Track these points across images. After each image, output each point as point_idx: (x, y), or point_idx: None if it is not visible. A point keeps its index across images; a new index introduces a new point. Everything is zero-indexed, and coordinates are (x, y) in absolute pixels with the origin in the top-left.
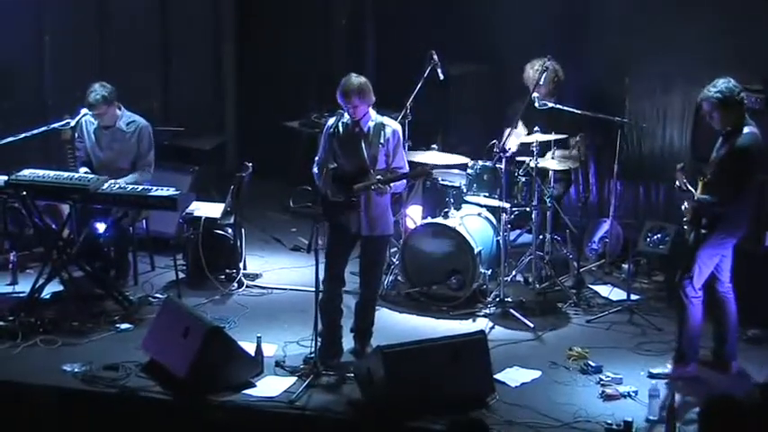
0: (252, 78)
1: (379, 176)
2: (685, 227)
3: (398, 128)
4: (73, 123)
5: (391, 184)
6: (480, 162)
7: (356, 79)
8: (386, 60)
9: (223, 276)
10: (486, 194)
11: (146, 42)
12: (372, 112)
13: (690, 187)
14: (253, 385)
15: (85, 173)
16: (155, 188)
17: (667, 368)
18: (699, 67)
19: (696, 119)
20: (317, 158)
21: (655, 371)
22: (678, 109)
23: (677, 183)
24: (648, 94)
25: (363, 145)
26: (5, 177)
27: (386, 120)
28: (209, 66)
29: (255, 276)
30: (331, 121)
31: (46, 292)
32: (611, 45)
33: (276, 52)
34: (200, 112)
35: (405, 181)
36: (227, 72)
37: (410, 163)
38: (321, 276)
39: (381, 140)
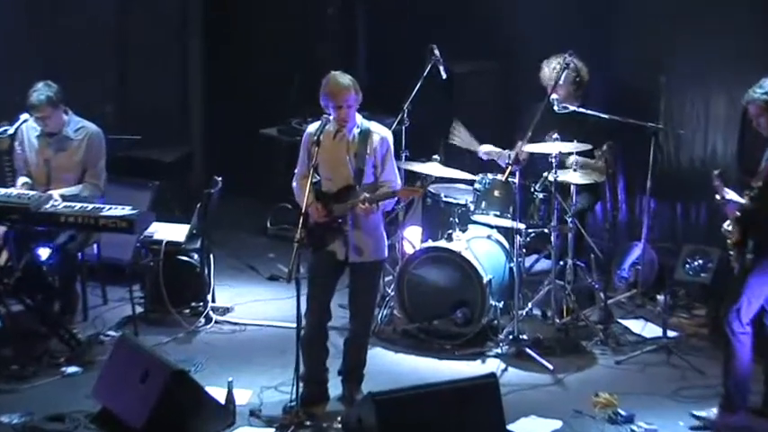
0: (222, 79)
1: (365, 194)
2: (730, 251)
3: (388, 135)
4: (11, 131)
5: (379, 203)
6: (490, 175)
7: (344, 75)
8: (379, 57)
9: (188, 311)
10: (497, 213)
11: (98, 38)
12: (358, 117)
13: (734, 194)
14: None
15: (24, 184)
16: (107, 207)
17: (712, 415)
18: (746, 63)
19: (743, 124)
20: (296, 170)
21: (698, 413)
22: (722, 113)
23: (717, 196)
24: (687, 96)
25: (348, 155)
26: None
27: (373, 125)
28: (173, 65)
29: (226, 310)
30: (312, 127)
31: None
32: (643, 38)
33: (251, 49)
34: (161, 117)
35: (395, 198)
36: (194, 72)
37: (408, 175)
38: (303, 310)
39: (368, 150)
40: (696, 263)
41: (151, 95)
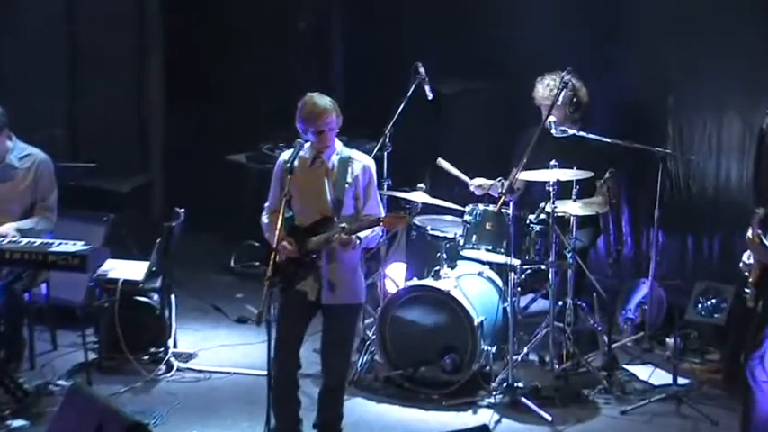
0: (184, 100)
1: (343, 225)
2: (746, 289)
3: (371, 163)
4: None
5: (360, 236)
6: (481, 206)
7: (323, 96)
8: (358, 76)
9: (147, 357)
10: (489, 248)
11: (47, 55)
12: (337, 143)
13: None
14: None
15: None
16: (57, 242)
17: None
18: (763, 82)
19: (760, 149)
20: (266, 204)
21: None
22: (736, 137)
23: (750, 233)
24: (698, 118)
25: (327, 184)
26: None
27: (354, 153)
28: (130, 85)
29: (189, 357)
30: (285, 154)
31: None
32: (649, 55)
33: (216, 67)
34: (116, 143)
35: (379, 232)
36: (153, 92)
37: (391, 205)
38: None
39: (348, 179)
40: (709, 302)
41: (105, 118)
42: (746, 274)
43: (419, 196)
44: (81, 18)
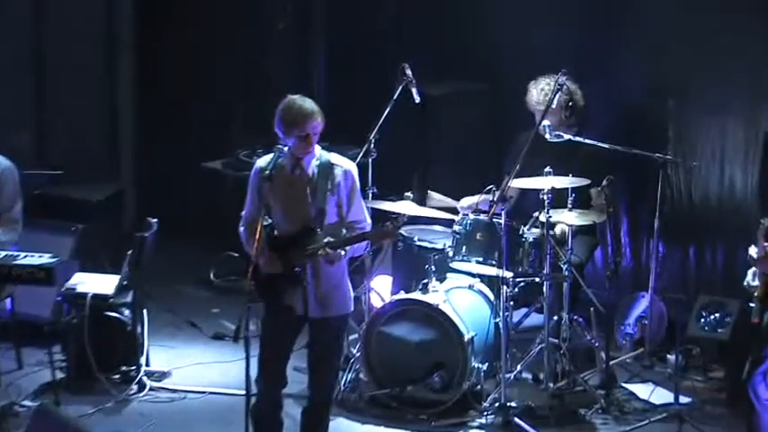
0: (158, 104)
1: (328, 238)
2: (751, 303)
3: (352, 167)
4: None
5: (347, 248)
6: (471, 216)
7: (305, 99)
8: (340, 78)
9: (117, 376)
10: (480, 260)
11: (11, 59)
12: (317, 149)
13: None
14: None
15: None
16: (22, 254)
17: None
18: None
19: (766, 156)
20: (243, 213)
21: None
22: (741, 142)
23: (752, 251)
24: (700, 122)
25: (307, 193)
26: None
27: (335, 157)
28: (99, 87)
29: (162, 375)
30: (263, 161)
31: None
32: (649, 56)
33: (190, 69)
34: (85, 148)
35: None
36: (124, 95)
37: (374, 215)
38: (254, 374)
39: (330, 186)
40: (712, 317)
41: (74, 122)
42: (751, 289)
43: (406, 206)
44: (48, 20)
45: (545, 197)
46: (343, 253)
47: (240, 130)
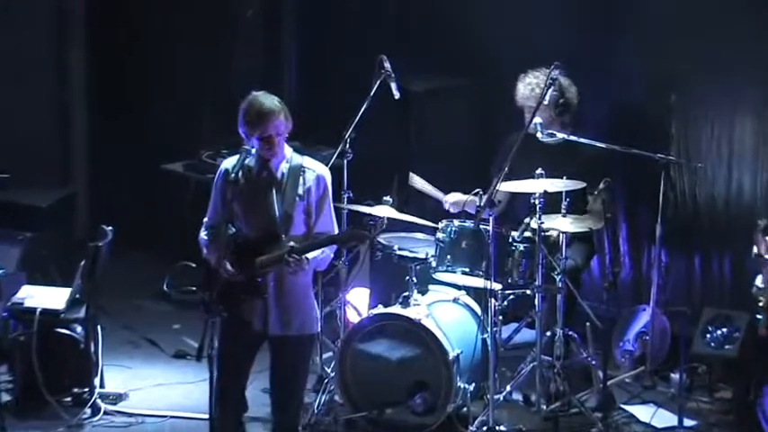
0: (113, 101)
1: (292, 243)
2: (759, 315)
3: (325, 173)
4: None
5: (309, 256)
6: (456, 222)
7: (269, 95)
8: (313, 72)
9: (69, 399)
10: (466, 270)
11: None
12: (287, 150)
13: None
14: None
15: None
16: None
17: None
18: None
19: None
20: (205, 219)
21: None
22: (749, 141)
23: (755, 249)
24: (705, 120)
25: (274, 197)
26: None
27: (307, 161)
28: (48, 83)
29: (119, 398)
30: (228, 162)
31: None
32: (649, 47)
33: (148, 63)
34: (34, 151)
35: (329, 253)
36: (76, 91)
37: (351, 220)
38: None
39: (299, 191)
40: (719, 332)
41: (21, 121)
42: (760, 299)
43: (385, 211)
44: None
45: (536, 202)
46: (306, 261)
47: (204, 129)
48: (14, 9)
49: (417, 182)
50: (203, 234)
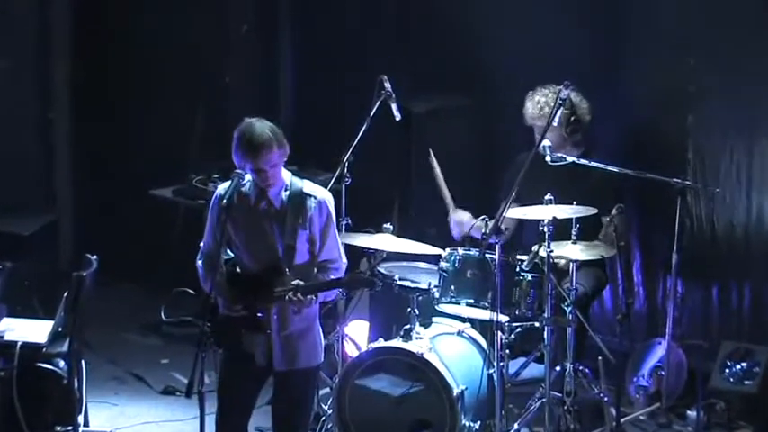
0: (98, 120)
1: (297, 281)
2: None
3: (328, 198)
4: None
5: (317, 295)
6: (461, 250)
7: (262, 124)
8: (310, 92)
9: None
10: (471, 301)
11: None
12: (287, 175)
13: None
14: None
15: None
16: None
17: None
18: None
19: None
20: (202, 245)
21: None
22: None
23: None
24: (724, 142)
25: (275, 228)
26: None
27: (308, 186)
28: (29, 99)
29: None
30: (223, 187)
31: None
32: (665, 64)
33: (137, 81)
34: (15, 176)
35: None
36: (59, 115)
37: (348, 251)
38: None
39: (300, 219)
40: (738, 366)
41: (0, 146)
42: None
43: (385, 240)
44: None
45: (545, 229)
46: (313, 299)
47: (194, 152)
48: None
49: (435, 165)
50: (199, 262)
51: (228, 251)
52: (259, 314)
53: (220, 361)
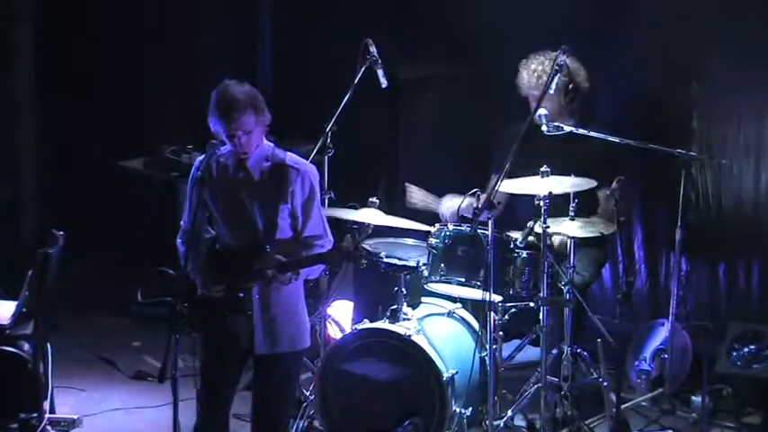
0: (64, 87)
1: (279, 257)
2: None
3: (311, 171)
4: None
5: (299, 272)
6: (451, 226)
7: (239, 87)
8: (291, 58)
9: (15, 425)
10: (462, 280)
11: None
12: (267, 146)
13: None
14: None
15: None
16: None
17: None
18: None
19: None
20: (182, 222)
21: None
22: None
23: None
24: (730, 112)
25: (254, 201)
26: None
27: (290, 158)
28: None
29: (71, 424)
30: (199, 160)
31: None
32: (667, 31)
33: (105, 48)
34: None
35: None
36: (22, 78)
37: (333, 227)
38: (189, 422)
39: (282, 193)
40: (746, 349)
41: None
42: None
43: (371, 214)
44: None
45: (541, 203)
46: (293, 277)
47: (166, 122)
48: None
49: (415, 195)
50: (179, 240)
51: (210, 229)
52: (240, 294)
53: (200, 344)
